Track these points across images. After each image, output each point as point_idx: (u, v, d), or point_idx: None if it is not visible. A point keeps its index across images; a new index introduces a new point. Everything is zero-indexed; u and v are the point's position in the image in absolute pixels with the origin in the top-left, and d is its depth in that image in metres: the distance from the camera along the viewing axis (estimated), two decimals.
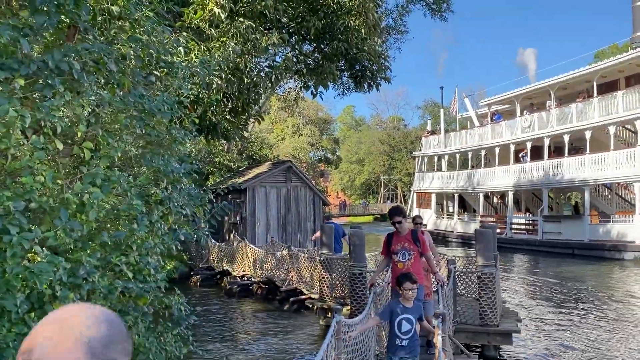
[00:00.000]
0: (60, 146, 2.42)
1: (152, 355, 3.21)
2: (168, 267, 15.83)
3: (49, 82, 2.32)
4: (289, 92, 28.37)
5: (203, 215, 4.24)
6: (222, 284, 15.20)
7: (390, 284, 5.74)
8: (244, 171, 21.50)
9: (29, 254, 2.40)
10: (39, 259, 2.30)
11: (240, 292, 14.05)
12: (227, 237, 18.87)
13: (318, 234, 13.23)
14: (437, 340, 4.62)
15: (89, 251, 2.70)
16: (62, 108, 2.58)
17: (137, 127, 2.98)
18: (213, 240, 17.19)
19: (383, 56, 8.58)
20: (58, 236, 2.43)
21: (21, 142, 2.23)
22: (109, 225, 3.14)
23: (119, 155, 2.82)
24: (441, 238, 28.51)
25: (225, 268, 15.78)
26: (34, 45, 2.95)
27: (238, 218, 18.39)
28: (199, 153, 23.59)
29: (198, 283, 16.02)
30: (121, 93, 2.94)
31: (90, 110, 2.88)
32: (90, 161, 2.76)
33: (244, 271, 14.87)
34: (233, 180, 19.89)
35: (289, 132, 47.87)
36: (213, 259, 16.74)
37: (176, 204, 3.35)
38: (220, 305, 13.09)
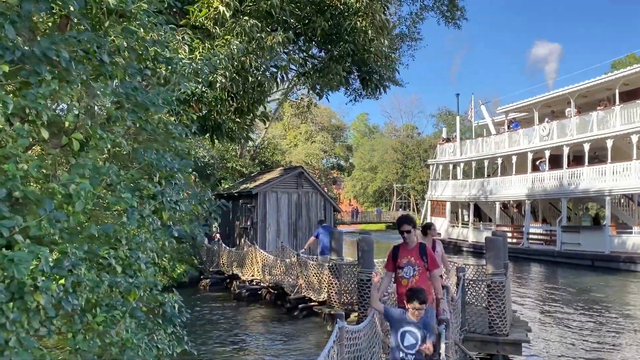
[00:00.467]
0: (45, 135, 2.41)
1: (142, 352, 3.15)
2: (178, 271, 15.98)
3: (36, 69, 2.32)
4: (301, 98, 28.48)
5: (202, 214, 4.20)
6: (231, 288, 15.17)
7: (397, 300, 5.29)
8: (256, 176, 21.57)
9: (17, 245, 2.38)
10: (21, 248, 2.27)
11: (249, 296, 14.01)
12: (237, 242, 18.93)
13: (311, 240, 13.03)
14: (441, 346, 4.47)
15: (75, 243, 2.67)
16: (60, 96, 2.57)
17: (129, 120, 2.96)
18: (223, 245, 17.25)
19: (390, 58, 8.48)
20: (42, 226, 2.40)
21: (4, 129, 2.22)
22: (103, 218, 3.12)
23: (109, 147, 2.80)
24: (453, 247, 28.16)
25: (234, 272, 15.78)
26: (36, 36, 2.97)
27: (249, 223, 18.40)
28: (212, 158, 23.84)
29: (207, 287, 16.06)
30: (113, 84, 2.92)
31: (84, 104, 2.87)
32: (80, 152, 2.75)
33: (252, 276, 14.83)
34: (245, 185, 19.97)
35: (302, 138, 47.94)
36: (223, 263, 16.76)
37: (169, 199, 3.31)
38: (228, 309, 13.05)
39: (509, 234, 25.68)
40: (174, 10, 6.45)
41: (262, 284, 14.17)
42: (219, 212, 4.25)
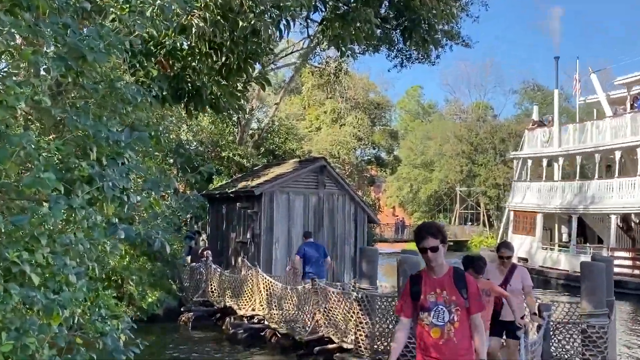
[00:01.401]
0: None
1: None
2: (150, 299, 16.27)
3: None
4: (327, 62, 28.45)
5: (165, 208, 4.23)
6: (223, 327, 15.33)
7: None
8: (260, 171, 21.75)
9: None
10: None
11: (247, 338, 14.11)
12: (233, 262, 19.08)
13: (297, 259, 13.20)
14: (521, 354, 4.86)
15: None
16: None
17: (54, 69, 2.98)
18: (213, 265, 17.44)
19: (445, 0, 8.19)
20: None
21: None
22: (14, 207, 3.15)
23: (23, 105, 2.82)
24: (536, 275, 27.68)
25: (228, 304, 15.93)
26: None
27: (249, 236, 18.52)
28: (201, 144, 24.15)
29: (190, 322, 16.24)
30: (32, 19, 2.95)
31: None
32: None
33: (253, 310, 14.94)
34: (245, 182, 20.14)
35: (327, 119, 47.90)
36: (212, 291, 16.95)
37: (112, 185, 3.31)
38: (219, 356, 13.17)
39: (629, 262, 24.97)
40: None
41: (265, 322, 14.25)
42: (189, 211, 4.26)
